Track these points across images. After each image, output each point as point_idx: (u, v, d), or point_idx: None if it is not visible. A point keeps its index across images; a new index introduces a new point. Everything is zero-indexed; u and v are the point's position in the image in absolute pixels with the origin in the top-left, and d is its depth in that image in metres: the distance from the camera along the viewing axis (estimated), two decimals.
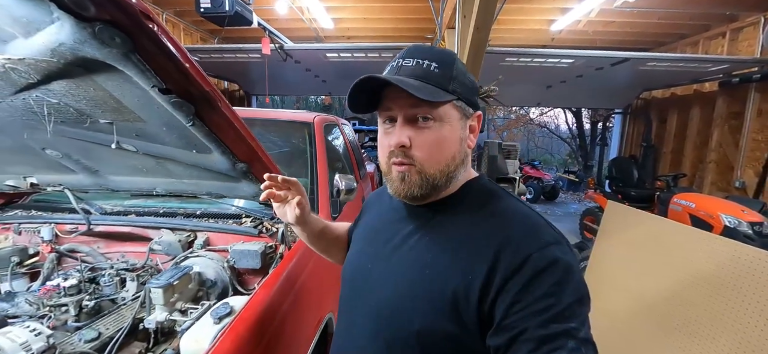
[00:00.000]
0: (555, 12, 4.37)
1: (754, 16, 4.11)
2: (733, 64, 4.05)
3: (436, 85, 0.54)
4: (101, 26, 0.57)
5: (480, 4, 2.29)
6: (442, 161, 0.56)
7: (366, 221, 0.77)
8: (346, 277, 0.71)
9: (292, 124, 2.03)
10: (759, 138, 4.16)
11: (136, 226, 1.41)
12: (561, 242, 0.51)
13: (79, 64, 0.69)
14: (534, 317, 0.45)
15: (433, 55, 0.56)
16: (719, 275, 1.64)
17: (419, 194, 0.57)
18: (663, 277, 1.89)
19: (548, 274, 0.47)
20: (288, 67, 4.36)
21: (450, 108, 0.55)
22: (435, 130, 0.55)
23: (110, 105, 0.85)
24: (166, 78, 0.70)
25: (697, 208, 3.43)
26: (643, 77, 4.80)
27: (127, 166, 1.22)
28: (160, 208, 1.49)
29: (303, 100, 16.37)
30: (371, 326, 0.60)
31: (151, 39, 0.60)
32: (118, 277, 1.28)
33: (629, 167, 5.18)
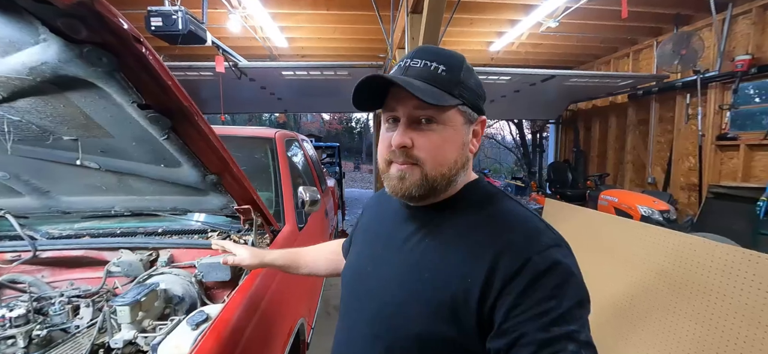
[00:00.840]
0: (492, 35, 4.87)
1: (649, 40, 4.95)
2: (636, 79, 4.81)
3: (442, 89, 0.53)
4: (90, 48, 0.62)
5: (426, 27, 2.53)
6: (443, 164, 0.55)
7: (365, 223, 0.76)
8: (346, 279, 0.71)
9: (254, 140, 2.06)
10: (662, 140, 4.94)
11: (90, 249, 1.35)
12: (561, 245, 0.51)
13: (54, 82, 0.72)
14: (534, 320, 0.45)
15: (441, 57, 0.55)
16: (637, 252, 1.97)
17: (417, 194, 0.56)
18: (595, 261, 2.21)
19: (549, 277, 0.46)
20: (242, 85, 4.30)
21: (454, 112, 0.55)
22: (438, 133, 0.54)
23: (78, 121, 0.86)
24: (146, 94, 0.75)
25: (620, 201, 3.97)
26: (569, 91, 5.48)
27: (84, 185, 1.18)
28: (117, 228, 1.44)
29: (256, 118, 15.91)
30: (370, 329, 0.59)
31: (138, 59, 0.66)
32: (69, 305, 1.22)
33: (564, 170, 5.82)
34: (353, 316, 0.65)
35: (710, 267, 1.58)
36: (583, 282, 0.49)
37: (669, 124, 4.78)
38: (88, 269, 1.37)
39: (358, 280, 0.66)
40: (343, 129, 22.92)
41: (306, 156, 2.87)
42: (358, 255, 0.71)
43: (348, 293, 0.68)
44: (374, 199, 0.80)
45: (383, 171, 0.60)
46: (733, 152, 4.01)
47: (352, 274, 0.69)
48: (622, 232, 2.16)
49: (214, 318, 0.96)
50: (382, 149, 0.59)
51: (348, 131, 23.42)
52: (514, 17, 4.20)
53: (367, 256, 0.67)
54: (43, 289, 1.32)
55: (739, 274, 1.45)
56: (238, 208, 1.31)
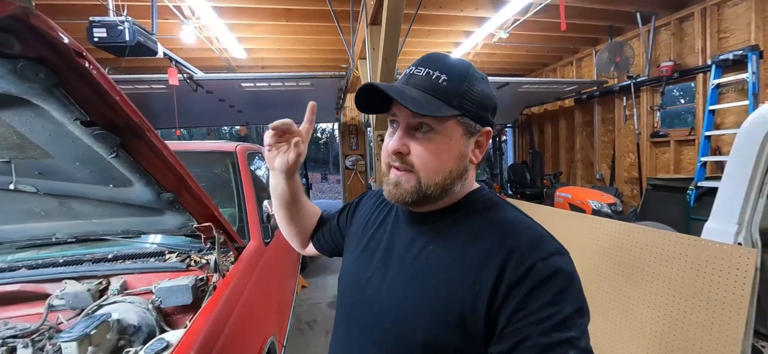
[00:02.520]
0: (449, 45, 5.09)
1: (588, 49, 5.43)
2: (579, 84, 5.24)
3: (441, 99, 0.53)
4: (25, 63, 0.58)
5: (385, 38, 2.60)
6: (437, 173, 0.55)
7: (363, 225, 0.72)
8: (343, 284, 0.69)
9: (213, 155, 1.98)
10: (606, 139, 5.40)
11: (27, 282, 1.22)
12: (563, 253, 0.52)
13: None
14: (536, 325, 0.45)
15: (445, 66, 0.54)
16: (591, 243, 2.14)
17: (410, 201, 0.56)
18: None
19: (551, 284, 0.47)
20: (198, 98, 4.11)
21: (453, 123, 0.54)
22: (434, 143, 0.54)
23: (11, 142, 0.79)
24: (90, 110, 0.71)
25: (573, 197, 4.27)
26: (522, 97, 5.85)
27: (20, 211, 1.07)
28: (59, 257, 1.31)
29: (215, 132, 15.21)
30: (371, 336, 0.58)
31: (80, 74, 0.63)
32: (3, 347, 1.09)
33: (523, 171, 6.16)
34: (352, 322, 0.63)
35: (652, 251, 1.75)
36: (582, 291, 0.50)
37: (610, 125, 5.25)
38: (26, 305, 1.24)
39: (358, 286, 0.63)
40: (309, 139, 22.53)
41: None
42: (357, 260, 0.68)
43: (346, 299, 0.66)
44: (372, 199, 0.77)
45: (384, 174, 0.60)
46: (665, 148, 4.48)
47: (350, 279, 0.67)
48: (577, 226, 2.33)
49: (175, 345, 0.91)
50: (383, 154, 0.59)
51: (314, 142, 23.12)
52: (468, 29, 4.43)
53: (366, 260, 0.65)
54: None
55: (675, 255, 1.62)
56: (198, 226, 1.26)
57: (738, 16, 3.61)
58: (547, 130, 6.64)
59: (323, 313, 3.29)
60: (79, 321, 1.05)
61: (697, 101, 4.03)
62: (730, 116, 3.76)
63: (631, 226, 1.98)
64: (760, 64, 3.36)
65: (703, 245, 1.57)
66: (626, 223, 2.03)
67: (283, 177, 0.72)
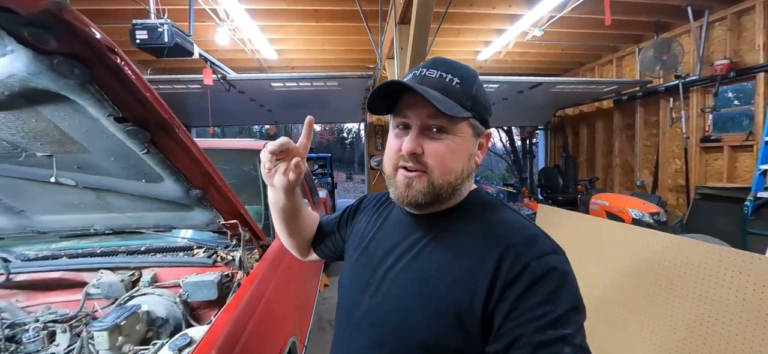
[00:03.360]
0: (480, 44, 4.95)
1: (631, 47, 5.08)
2: (620, 85, 4.92)
3: (455, 101, 0.55)
4: (61, 59, 0.59)
5: (414, 37, 2.55)
6: (451, 173, 0.56)
7: (364, 228, 0.73)
8: (344, 286, 0.69)
9: (241, 153, 2.02)
10: (648, 144, 5.04)
11: (68, 270, 1.29)
12: (558, 252, 0.52)
13: (24, 95, 0.68)
14: (531, 324, 0.46)
15: (455, 70, 0.57)
16: (632, 256, 1.97)
17: (423, 202, 0.56)
18: (590, 265, 2.20)
19: (545, 282, 0.48)
20: (231, 98, 4.26)
21: (465, 124, 0.57)
22: (448, 143, 0.56)
23: (52, 136, 0.82)
24: (122, 106, 0.72)
25: (611, 205, 4.01)
26: (556, 98, 5.58)
27: (61, 203, 1.13)
28: (97, 248, 1.37)
29: (246, 130, 15.80)
30: (372, 338, 0.58)
31: (112, 70, 0.63)
32: (45, 331, 1.15)
33: (555, 176, 5.88)
34: (352, 324, 0.64)
35: (705, 268, 1.58)
36: (578, 289, 0.50)
37: (654, 128, 4.88)
38: (66, 292, 1.31)
39: (358, 288, 0.64)
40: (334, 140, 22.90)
41: None
42: (357, 263, 0.69)
43: (347, 302, 0.67)
44: (372, 202, 0.78)
45: (390, 176, 0.60)
46: (717, 154, 4.10)
47: (350, 283, 0.68)
48: (615, 235, 2.16)
49: (198, 341, 0.91)
50: (391, 154, 0.59)
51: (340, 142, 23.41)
52: (500, 27, 4.27)
53: (366, 263, 0.66)
54: (17, 314, 1.26)
55: (733, 274, 1.45)
56: (225, 223, 1.27)
57: None
58: (582, 132, 6.30)
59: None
60: (111, 311, 1.09)
61: (757, 103, 3.65)
62: None
63: (680, 239, 1.80)
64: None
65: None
66: (673, 235, 1.85)
67: (283, 194, 0.71)
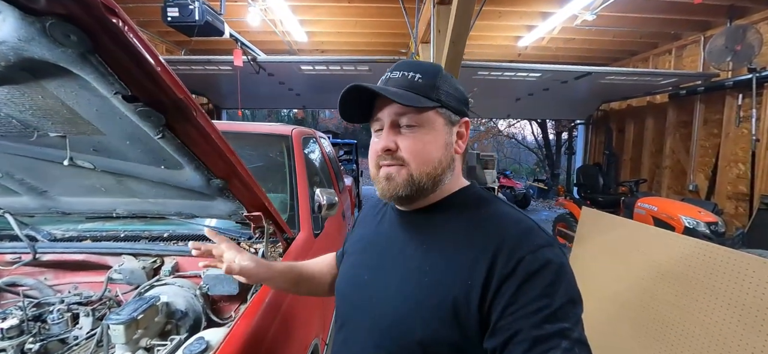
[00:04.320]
0: (521, 29, 4.59)
1: (695, 34, 4.54)
2: (680, 77, 4.42)
3: (419, 94, 0.56)
4: (53, 21, 0.48)
5: (455, 19, 2.34)
6: (427, 163, 0.57)
7: (360, 232, 0.76)
8: (341, 289, 0.70)
9: (268, 138, 1.94)
10: (706, 145, 4.54)
11: (91, 253, 1.26)
12: (553, 244, 0.52)
13: (24, 68, 0.59)
14: (528, 318, 0.46)
15: (418, 67, 0.59)
16: (687, 272, 1.72)
17: (404, 194, 0.58)
18: (635, 278, 1.96)
19: (541, 276, 0.48)
20: (261, 80, 4.22)
21: (434, 115, 0.58)
22: (419, 135, 0.57)
23: (63, 116, 0.74)
24: (131, 83, 0.62)
25: (660, 211, 3.64)
26: (602, 90, 5.13)
27: (82, 186, 1.08)
28: (120, 231, 1.34)
29: (275, 114, 16.03)
30: (371, 339, 0.58)
31: (115, 37, 0.52)
32: (69, 313, 1.13)
33: (595, 174, 5.46)
34: (352, 326, 0.64)
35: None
36: (574, 281, 0.50)
37: (716, 127, 4.37)
38: (92, 273, 1.29)
39: (355, 290, 0.65)
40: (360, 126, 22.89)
41: (323, 154, 2.74)
42: (354, 264, 0.70)
43: (345, 303, 0.68)
44: (368, 209, 0.80)
45: (374, 176, 0.61)
46: None
47: (347, 284, 0.69)
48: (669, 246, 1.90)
49: (214, 348, 0.83)
50: (372, 156, 0.61)
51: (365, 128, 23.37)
52: (548, 10, 3.92)
53: (362, 265, 0.67)
54: (45, 292, 1.25)
55: None
56: (248, 214, 1.18)
57: None
58: (628, 129, 5.80)
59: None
60: (129, 302, 1.03)
61: None
62: None
63: (758, 259, 1.53)
64: None
65: None
66: (755, 254, 1.58)
67: (254, 280, 0.75)
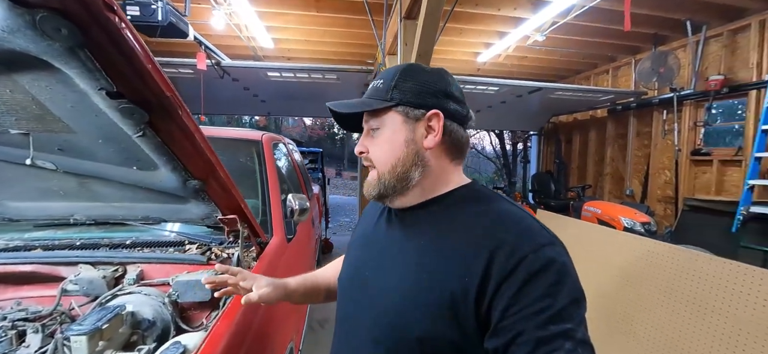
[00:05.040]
0: (480, 46, 4.90)
1: (627, 57, 5.14)
2: (616, 95, 4.96)
3: (375, 98, 0.60)
4: (45, 15, 0.48)
5: (422, 34, 2.47)
6: (387, 162, 0.60)
7: (361, 230, 0.76)
8: (342, 285, 0.71)
9: (238, 143, 1.90)
10: (639, 154, 5.11)
11: (42, 264, 1.15)
12: (555, 243, 0.51)
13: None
14: (531, 319, 0.45)
15: (385, 74, 0.62)
16: (627, 263, 1.96)
17: (376, 194, 0.61)
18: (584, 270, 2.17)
19: (544, 276, 0.47)
20: (225, 85, 4.08)
21: (392, 114, 0.59)
22: (379, 136, 0.61)
23: (30, 112, 0.70)
24: (118, 80, 0.61)
25: (603, 213, 4.04)
26: (551, 104, 5.60)
27: (37, 189, 1.00)
28: (76, 239, 1.24)
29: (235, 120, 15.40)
30: (371, 335, 0.58)
31: (109, 34, 0.53)
32: (14, 330, 1.03)
33: (547, 181, 5.91)
34: (351, 322, 0.64)
35: (713, 281, 1.56)
36: (578, 280, 0.49)
37: (646, 139, 4.95)
38: (40, 287, 1.17)
39: (356, 286, 0.65)
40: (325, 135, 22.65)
41: (292, 160, 2.72)
42: (354, 261, 0.71)
43: (345, 300, 0.68)
44: (370, 206, 0.80)
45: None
46: (706, 167, 4.18)
47: (348, 281, 0.69)
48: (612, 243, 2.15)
49: (192, 351, 0.81)
50: None
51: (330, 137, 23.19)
52: (504, 29, 4.24)
53: (363, 261, 0.67)
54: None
55: (744, 290, 1.43)
56: (223, 218, 1.16)
57: None
58: (575, 140, 6.36)
59: (334, 313, 3.20)
60: (91, 312, 0.97)
61: (748, 119, 3.73)
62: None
63: (685, 250, 1.79)
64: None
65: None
66: (683, 247, 1.83)
67: (273, 302, 0.78)
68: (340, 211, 8.52)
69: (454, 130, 0.60)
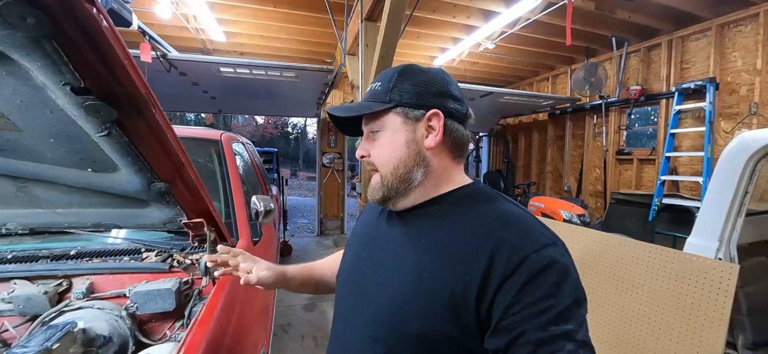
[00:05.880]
0: (436, 50, 5.11)
1: (564, 67, 5.71)
2: (555, 100, 5.48)
3: (374, 100, 0.60)
4: (9, 2, 0.44)
5: (384, 36, 2.52)
6: (389, 164, 0.59)
7: (361, 226, 0.76)
8: (341, 281, 0.70)
9: (196, 142, 1.79)
10: (575, 154, 5.70)
11: None
12: (557, 243, 0.51)
13: None
14: (532, 319, 0.45)
15: (382, 75, 0.62)
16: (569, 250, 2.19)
17: (379, 197, 0.61)
18: None
19: (545, 276, 0.46)
20: (170, 79, 3.76)
21: (392, 115, 0.59)
22: (380, 139, 0.60)
23: None
24: (86, 74, 0.57)
25: (546, 207, 4.44)
26: (500, 107, 6.01)
27: None
28: (6, 252, 1.08)
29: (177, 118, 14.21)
30: (369, 331, 0.58)
31: (83, 25, 0.49)
32: None
33: (498, 179, 6.33)
34: (350, 319, 0.64)
35: (637, 263, 1.82)
36: (579, 281, 0.50)
37: (580, 140, 5.54)
38: None
39: (354, 283, 0.65)
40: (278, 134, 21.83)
41: (251, 160, 2.61)
42: (353, 258, 0.70)
43: (344, 296, 0.68)
44: (369, 205, 0.79)
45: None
46: (628, 165, 4.79)
47: (347, 278, 0.69)
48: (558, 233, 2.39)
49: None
50: None
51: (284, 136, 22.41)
52: (458, 36, 4.46)
53: (362, 259, 0.67)
54: None
55: (659, 268, 1.69)
56: (188, 221, 1.10)
57: (699, 49, 3.95)
58: (520, 140, 6.89)
59: (297, 316, 3.14)
60: (36, 332, 0.87)
61: (660, 124, 4.35)
62: (687, 140, 4.10)
63: (616, 237, 2.06)
64: (715, 94, 3.69)
65: (687, 259, 1.65)
66: (616, 235, 2.10)
67: (271, 288, 0.79)
68: (297, 213, 8.30)
69: (455, 129, 0.60)
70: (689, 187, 4.06)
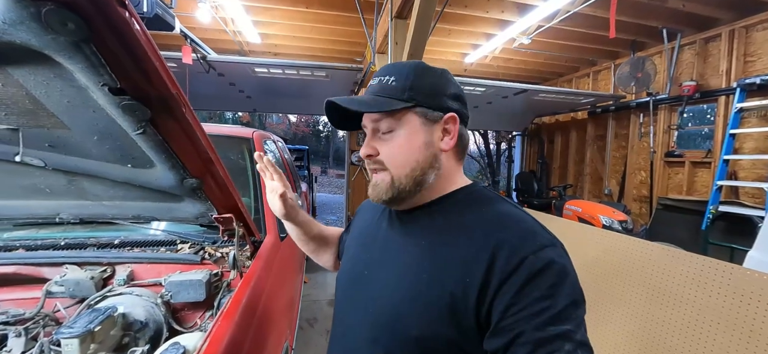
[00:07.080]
0: (468, 47, 4.97)
1: (607, 62, 5.34)
2: (596, 98, 5.15)
3: (391, 97, 0.56)
4: (52, 8, 0.46)
5: (414, 33, 2.48)
6: (405, 166, 0.57)
7: (360, 227, 0.75)
8: (341, 283, 0.70)
9: (230, 140, 1.87)
10: (617, 155, 5.33)
11: (24, 265, 1.10)
12: (556, 245, 0.51)
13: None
14: (530, 320, 0.45)
15: (393, 69, 0.59)
16: (606, 258, 2.04)
17: (387, 199, 0.59)
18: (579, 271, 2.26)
19: (544, 277, 0.47)
20: (210, 80, 3.97)
21: (410, 115, 0.57)
22: (396, 138, 0.57)
23: (22, 107, 0.67)
24: (122, 76, 0.60)
25: (583, 211, 4.19)
26: (535, 105, 5.75)
27: (20, 187, 0.96)
28: (60, 239, 1.19)
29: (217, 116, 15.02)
30: (369, 333, 0.58)
31: (118, 30, 0.51)
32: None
33: (531, 180, 6.07)
34: (350, 321, 0.64)
35: (684, 275, 1.66)
36: (578, 282, 0.50)
37: (624, 140, 5.16)
38: (22, 289, 1.12)
39: (355, 285, 0.65)
40: (310, 132, 22.41)
41: (282, 158, 2.69)
42: (353, 259, 0.70)
43: (344, 298, 0.68)
44: (368, 203, 0.79)
45: (370, 180, 0.63)
46: (678, 168, 4.40)
47: (347, 279, 0.69)
48: (592, 240, 2.24)
49: (193, 352, 0.80)
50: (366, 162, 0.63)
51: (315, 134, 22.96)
52: (491, 31, 4.31)
53: (362, 260, 0.67)
54: None
55: (712, 282, 1.53)
56: (218, 216, 1.15)
57: (766, 40, 3.53)
58: (557, 140, 6.56)
59: (323, 311, 3.20)
60: (82, 314, 0.94)
61: (717, 124, 3.95)
62: (750, 142, 3.69)
63: (660, 246, 1.89)
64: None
65: (747, 275, 1.48)
66: (660, 244, 1.93)
67: (285, 221, 0.81)
68: (327, 210, 8.47)
69: (463, 132, 0.60)
70: (751, 193, 3.64)
